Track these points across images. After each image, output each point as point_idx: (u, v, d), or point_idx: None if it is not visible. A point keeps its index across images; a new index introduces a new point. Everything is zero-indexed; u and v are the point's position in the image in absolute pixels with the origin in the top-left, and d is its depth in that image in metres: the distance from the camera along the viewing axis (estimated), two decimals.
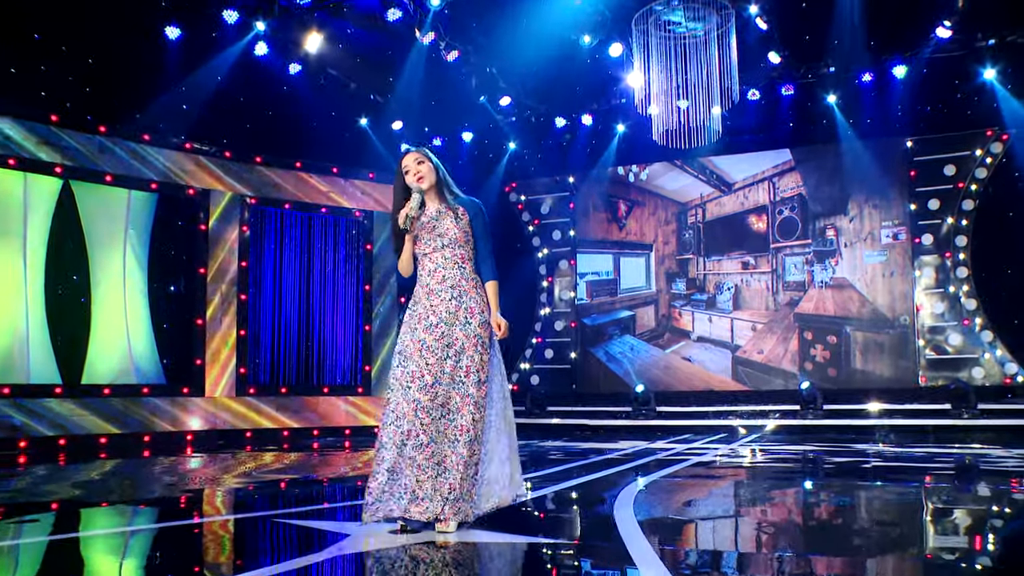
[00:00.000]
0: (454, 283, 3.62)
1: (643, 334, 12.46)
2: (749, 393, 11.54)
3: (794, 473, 6.24)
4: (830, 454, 7.57)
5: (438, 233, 3.66)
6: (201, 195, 10.00)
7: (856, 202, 11.40)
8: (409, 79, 10.80)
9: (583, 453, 7.79)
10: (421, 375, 3.50)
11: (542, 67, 10.84)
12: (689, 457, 7.30)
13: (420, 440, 3.45)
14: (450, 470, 3.45)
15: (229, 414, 9.99)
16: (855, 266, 11.32)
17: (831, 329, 11.30)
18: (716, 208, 12.24)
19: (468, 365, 3.54)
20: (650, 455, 7.52)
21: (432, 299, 3.61)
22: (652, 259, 12.54)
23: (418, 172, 3.71)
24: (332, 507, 4.57)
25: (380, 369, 11.03)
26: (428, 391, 3.48)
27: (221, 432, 9.84)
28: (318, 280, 10.83)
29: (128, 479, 6.04)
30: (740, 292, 11.91)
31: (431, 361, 3.52)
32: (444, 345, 3.53)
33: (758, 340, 11.69)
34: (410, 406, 3.48)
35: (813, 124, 11.45)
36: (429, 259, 3.65)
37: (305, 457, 7.63)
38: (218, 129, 10.03)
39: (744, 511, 4.47)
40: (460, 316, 3.58)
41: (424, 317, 3.58)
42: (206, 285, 9.95)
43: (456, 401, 3.51)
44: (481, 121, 12.22)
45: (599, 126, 12.32)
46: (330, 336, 10.86)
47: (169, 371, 9.63)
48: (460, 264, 3.66)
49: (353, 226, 11.17)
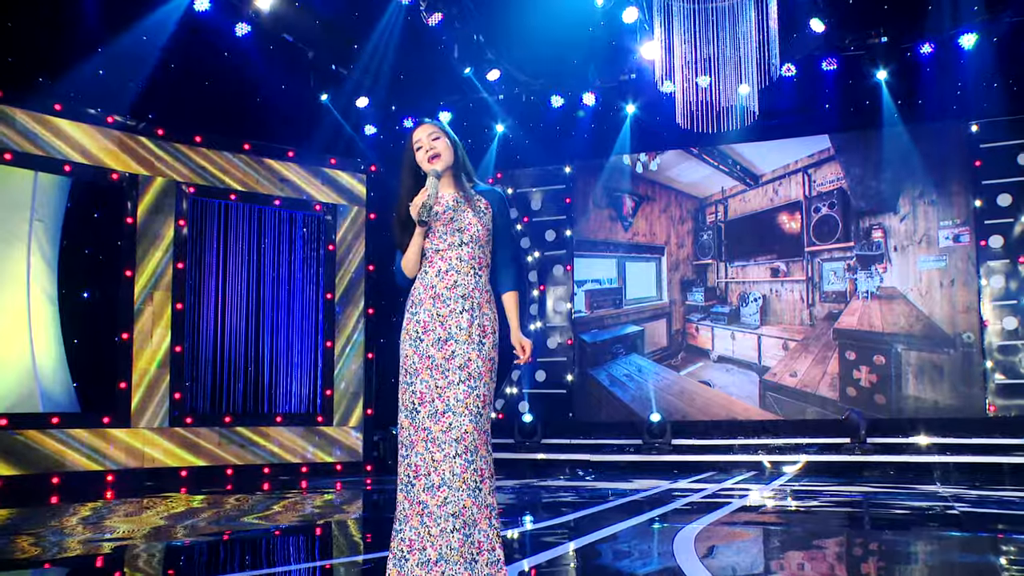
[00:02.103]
0: (467, 292, 3.51)
1: (653, 353, 12.28)
2: (780, 423, 11.38)
3: (874, 521, 6.15)
4: (894, 496, 7.52)
5: (457, 227, 3.54)
6: (127, 181, 9.66)
7: (908, 197, 11.24)
8: (379, 47, 10.69)
9: (598, 495, 7.74)
10: (431, 399, 3.40)
11: (539, 35, 10.66)
12: (726, 500, 7.26)
13: (431, 481, 3.34)
14: (476, 524, 3.34)
15: (160, 449, 9.67)
16: (907, 273, 11.17)
17: (878, 348, 11.13)
18: (740, 204, 12.08)
19: (484, 394, 3.44)
20: (680, 497, 7.49)
21: (438, 306, 3.49)
22: (664, 264, 12.38)
23: (432, 148, 3.55)
24: (286, 572, 4.40)
25: (344, 394, 10.85)
26: (438, 420, 3.38)
27: (150, 472, 9.50)
28: (270, 287, 10.60)
29: (27, 534, 5.71)
30: (769, 304, 11.76)
31: (441, 384, 3.42)
32: (456, 367, 3.43)
33: (790, 361, 11.53)
34: (419, 434, 3.39)
35: (858, 105, 11.28)
36: (441, 257, 3.54)
37: (254, 502, 7.46)
38: (149, 101, 9.69)
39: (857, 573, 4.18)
40: (473, 334, 3.47)
41: (430, 327, 3.47)
42: (133, 291, 9.61)
43: (474, 438, 3.38)
44: (463, 99, 12.07)
45: (604, 106, 12.12)
46: (284, 354, 10.62)
47: (84, 396, 9.27)
48: (477, 270, 3.55)
49: (312, 222, 10.96)
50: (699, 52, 8.98)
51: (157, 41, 9.30)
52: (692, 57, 9.05)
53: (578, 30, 10.68)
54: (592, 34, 10.80)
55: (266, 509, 6.90)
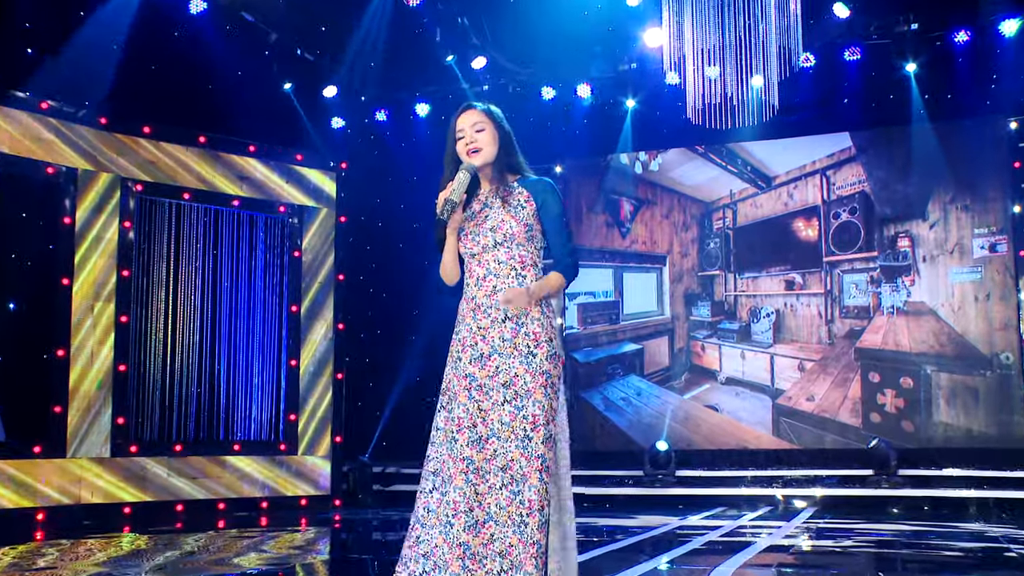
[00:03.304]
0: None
1: (654, 374, 12.18)
2: (796, 453, 11.27)
3: (925, 564, 6.09)
4: (935, 535, 7.46)
5: (489, 227, 3.56)
6: (64, 176, 9.44)
7: (939, 202, 11.15)
8: (350, 30, 10.63)
9: (600, 534, 7.66)
10: (472, 424, 3.40)
11: (529, 18, 10.58)
12: (747, 539, 7.24)
13: (474, 518, 3.32)
14: (521, 567, 3.28)
15: (101, 482, 9.45)
16: (937, 287, 11.08)
17: (905, 370, 11.03)
18: (751, 209, 11.99)
19: (535, 414, 3.39)
20: (694, 536, 7.46)
21: (479, 318, 3.51)
22: (666, 275, 12.29)
23: (474, 142, 3.59)
24: None
25: (311, 419, 10.68)
26: (482, 447, 3.38)
27: (88, 509, 9.26)
28: (228, 297, 10.44)
29: None
30: (783, 320, 11.67)
31: (484, 406, 3.42)
32: (500, 384, 3.43)
33: (807, 383, 11.43)
34: (457, 466, 3.36)
35: (883, 99, 11.17)
36: (478, 262, 3.57)
37: (206, 541, 7.34)
38: (90, 85, 9.48)
39: None
40: (520, 345, 3.46)
41: (470, 343, 3.49)
42: (70, 302, 9.38)
43: (521, 465, 3.36)
44: (443, 89, 11.89)
45: (600, 99, 11.97)
46: (243, 374, 10.48)
47: (11, 422, 9.06)
48: (519, 271, 3.53)
49: (276, 225, 10.82)
50: (711, 39, 8.90)
51: (100, 17, 9.11)
52: (704, 45, 8.97)
53: (573, 14, 10.55)
54: (588, 18, 10.66)
55: (221, 550, 6.80)
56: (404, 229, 12.23)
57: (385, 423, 11.77)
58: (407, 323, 12.13)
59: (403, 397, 11.77)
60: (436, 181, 10.72)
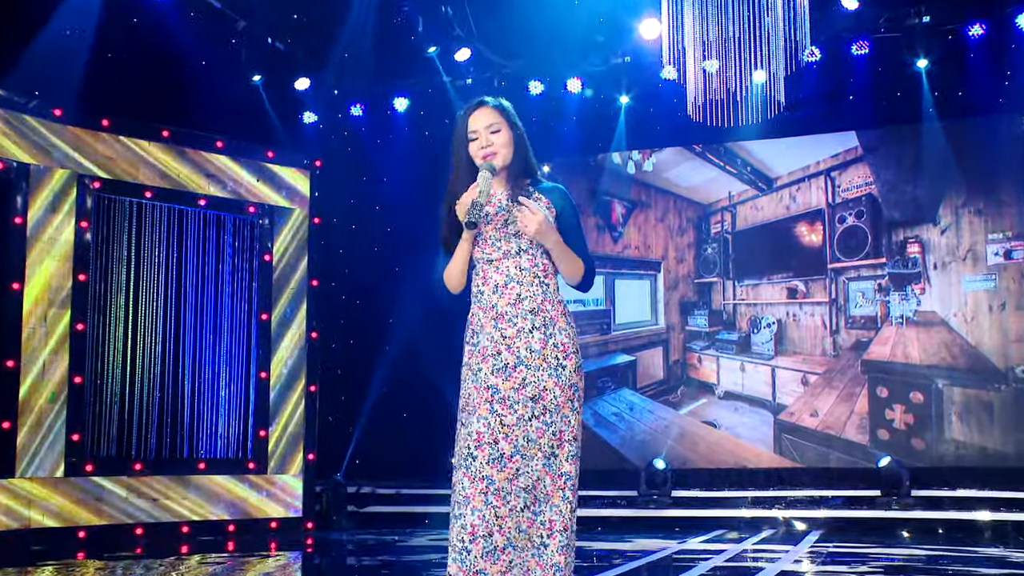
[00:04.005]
0: (536, 306, 3.52)
1: (647, 388, 12.18)
2: (799, 472, 11.26)
3: None
4: (957, 561, 7.41)
5: (514, 232, 3.56)
6: (15, 172, 9.30)
7: (951, 205, 11.16)
8: (325, 18, 10.66)
9: (597, 557, 7.69)
10: (493, 440, 3.37)
11: (516, 7, 10.57)
12: (756, 565, 7.22)
13: (493, 543, 3.31)
14: None
15: (52, 505, 9.30)
16: (949, 295, 11.08)
17: (915, 384, 11.03)
18: (751, 212, 12.00)
19: (563, 431, 3.43)
20: (699, 560, 7.42)
21: (502, 326, 3.50)
22: (660, 282, 12.29)
23: (490, 146, 3.59)
24: None
25: (283, 436, 10.59)
26: (504, 466, 3.36)
27: (38, 533, 9.09)
28: (193, 304, 10.37)
29: None
30: (785, 330, 11.67)
31: (508, 421, 3.39)
32: (528, 398, 3.42)
33: (811, 398, 11.43)
34: (475, 487, 3.34)
35: (891, 96, 11.16)
36: (496, 269, 3.58)
37: (167, 569, 7.29)
38: (43, 74, 9.36)
39: None
40: (549, 357, 3.48)
41: (492, 352, 3.48)
42: (21, 308, 9.25)
43: (546, 484, 3.40)
44: (424, 83, 11.90)
45: (592, 94, 11.94)
46: (209, 387, 10.39)
47: None
48: (542, 278, 3.57)
49: (245, 227, 10.73)
50: (712, 31, 8.91)
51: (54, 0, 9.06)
52: (705, 37, 8.97)
53: (563, 3, 10.56)
54: (579, 8, 10.65)
55: None
56: (378, 232, 12.19)
57: (359, 439, 11.71)
58: (381, 332, 12.05)
59: (375, 411, 11.73)
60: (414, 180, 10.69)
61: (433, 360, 10.51)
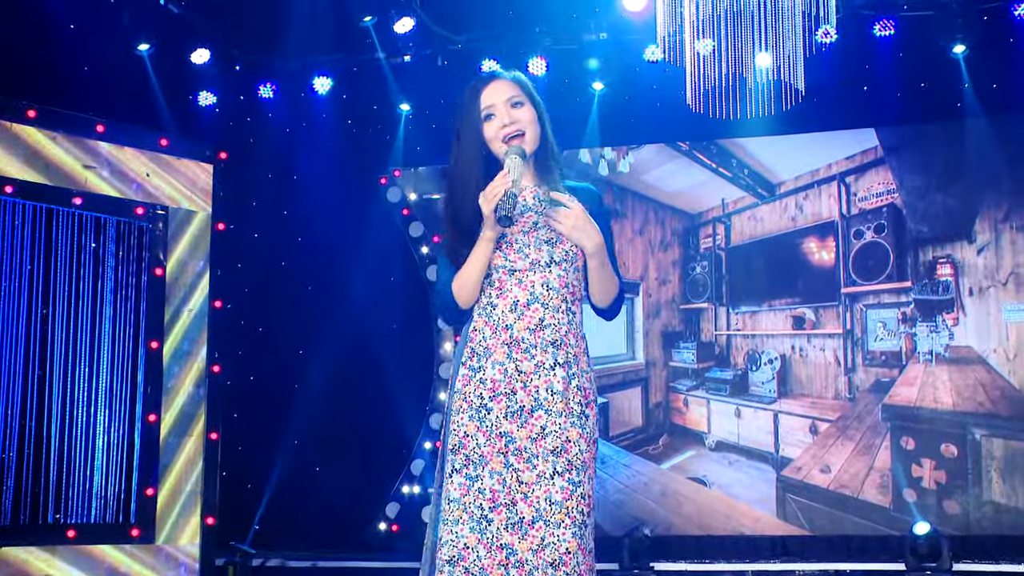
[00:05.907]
0: (559, 337, 3.49)
1: (622, 437, 12.06)
2: (807, 540, 11.13)
3: None
4: None
5: (546, 238, 3.58)
6: None
7: (989, 219, 11.14)
8: None
9: None
10: (510, 501, 3.35)
11: None
12: None
13: None
14: None
15: None
16: (987, 327, 11.05)
17: (948, 433, 10.99)
18: (749, 224, 11.97)
19: (590, 494, 3.45)
20: None
21: (517, 357, 3.45)
22: (638, 308, 12.24)
23: (514, 124, 3.58)
24: None
25: (176, 495, 10.43)
26: (526, 534, 3.33)
27: None
28: (63, 328, 10.18)
29: None
30: (790, 368, 11.64)
31: (526, 477, 3.36)
32: (549, 451, 3.39)
33: (821, 450, 11.36)
34: (494, 556, 3.31)
35: (919, 87, 11.14)
36: (517, 281, 3.56)
37: None
38: None
39: None
40: (572, 402, 3.46)
41: (506, 390, 3.43)
42: None
43: (578, 561, 3.36)
44: (351, 59, 11.78)
45: (558, 78, 11.71)
46: (83, 432, 10.18)
47: None
48: (570, 304, 3.57)
49: (132, 232, 10.59)
50: (708, 6, 8.80)
51: None
52: (707, 10, 8.85)
53: None
54: None
55: None
56: (286, 242, 11.97)
57: (267, 501, 11.42)
58: (289, 367, 11.84)
59: (285, 467, 11.51)
60: (333, 180, 10.42)
61: (355, 400, 10.52)
